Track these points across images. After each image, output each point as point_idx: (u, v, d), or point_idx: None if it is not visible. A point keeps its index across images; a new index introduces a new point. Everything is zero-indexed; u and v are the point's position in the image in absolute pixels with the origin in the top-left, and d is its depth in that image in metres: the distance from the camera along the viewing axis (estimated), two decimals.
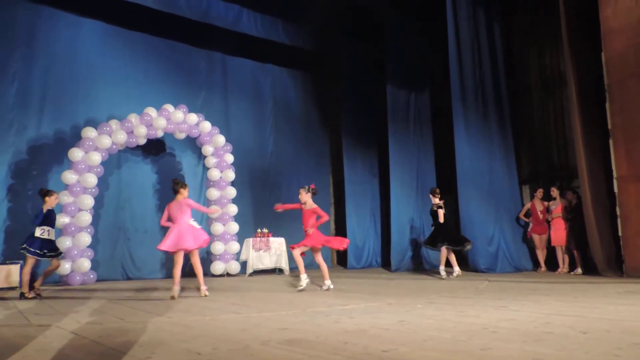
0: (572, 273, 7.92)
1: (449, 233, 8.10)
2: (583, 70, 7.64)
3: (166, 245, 5.91)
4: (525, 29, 10.06)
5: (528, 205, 9.06)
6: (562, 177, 9.21)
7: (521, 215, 9.10)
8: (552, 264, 8.54)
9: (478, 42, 9.48)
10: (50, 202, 6.48)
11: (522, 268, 8.84)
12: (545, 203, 8.74)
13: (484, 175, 9.11)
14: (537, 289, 5.99)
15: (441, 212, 8.03)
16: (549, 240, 8.57)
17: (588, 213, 7.40)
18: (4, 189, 8.40)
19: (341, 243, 6.83)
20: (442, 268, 7.97)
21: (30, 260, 6.34)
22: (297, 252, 6.50)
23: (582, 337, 2.94)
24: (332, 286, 6.50)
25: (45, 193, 6.51)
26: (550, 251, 8.63)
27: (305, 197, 6.74)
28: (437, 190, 8.29)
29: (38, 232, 6.35)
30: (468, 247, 8.10)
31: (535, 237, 8.80)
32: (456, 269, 7.93)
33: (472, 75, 9.38)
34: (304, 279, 6.46)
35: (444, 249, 7.94)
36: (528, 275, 8.18)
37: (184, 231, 5.94)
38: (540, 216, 8.74)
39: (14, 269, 7.58)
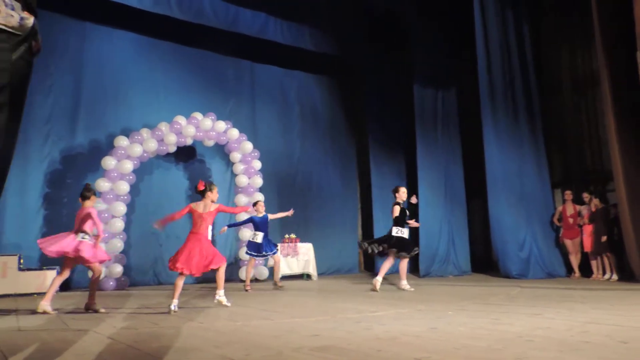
0: (607, 279, 7.72)
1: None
2: (617, 70, 7.45)
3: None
4: (556, 28, 9.88)
5: (560, 208, 8.88)
6: (596, 180, 8.99)
7: (554, 220, 8.92)
8: (587, 270, 8.33)
9: (507, 43, 9.36)
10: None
11: (555, 274, 8.65)
12: (577, 207, 8.54)
13: (514, 178, 8.96)
14: (571, 295, 5.85)
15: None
16: (582, 245, 8.38)
17: (624, 217, 7.21)
18: (40, 198, 8.66)
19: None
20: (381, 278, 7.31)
21: None
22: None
23: (622, 347, 2.86)
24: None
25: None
26: (585, 256, 8.43)
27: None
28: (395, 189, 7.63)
29: None
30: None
31: (568, 242, 8.62)
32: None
33: (501, 77, 9.27)
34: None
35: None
36: (561, 281, 7.99)
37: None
38: (571, 220, 8.56)
39: (50, 274, 7.78)
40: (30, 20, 1.59)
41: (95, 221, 5.69)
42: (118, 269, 8.42)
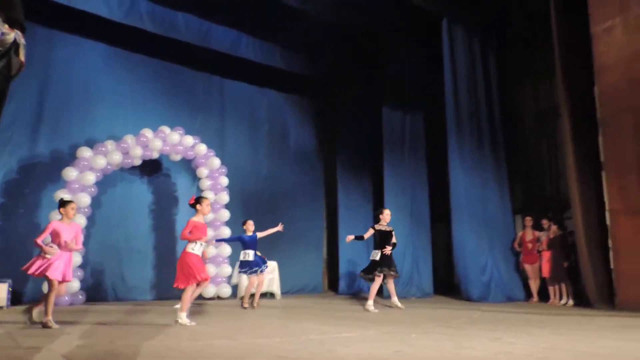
0: (563, 304, 7.94)
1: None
2: (576, 103, 7.79)
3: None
4: (520, 60, 10.27)
5: (520, 233, 9.12)
6: (554, 207, 9.29)
7: (515, 245, 9.15)
8: (545, 295, 8.55)
9: (474, 71, 9.68)
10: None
11: (514, 298, 8.84)
12: (537, 233, 8.80)
13: (477, 203, 9.18)
14: (530, 320, 5.98)
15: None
16: (541, 271, 8.61)
17: (580, 244, 7.46)
18: None
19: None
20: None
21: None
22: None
23: None
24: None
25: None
26: (544, 281, 8.65)
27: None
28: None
29: None
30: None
31: (527, 267, 8.84)
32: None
33: (467, 103, 9.54)
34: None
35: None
36: (520, 305, 8.17)
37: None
38: (529, 245, 8.80)
39: (1, 287, 7.45)
40: (11, 35, 1.54)
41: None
42: (75, 283, 8.11)
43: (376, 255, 7.64)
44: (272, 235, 8.47)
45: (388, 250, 7.64)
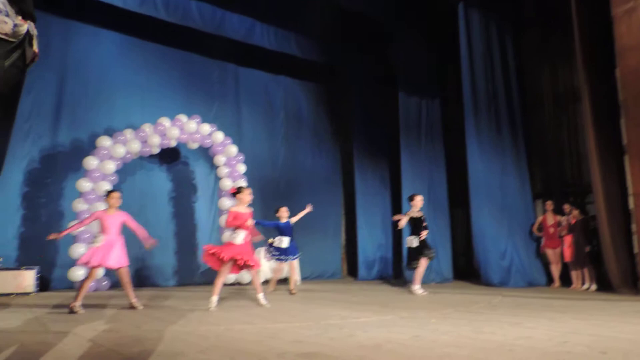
0: (585, 289, 7.85)
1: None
2: (597, 86, 7.62)
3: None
4: (538, 44, 10.05)
5: (540, 218, 9.02)
6: (575, 192, 9.15)
7: (534, 229, 9.05)
8: (567, 280, 8.47)
9: (491, 56, 9.51)
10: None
11: (535, 283, 8.77)
12: (558, 217, 8.69)
13: (496, 189, 9.09)
14: (551, 305, 5.94)
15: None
16: (562, 255, 8.52)
17: (603, 229, 7.35)
18: (19, 197, 8.50)
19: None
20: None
21: None
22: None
23: (601, 357, 2.91)
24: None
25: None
26: (565, 266, 8.56)
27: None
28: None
29: None
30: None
31: (549, 252, 8.75)
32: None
33: (484, 89, 9.40)
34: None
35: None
36: (541, 290, 8.11)
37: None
38: (551, 230, 8.70)
39: (29, 274, 7.65)
40: (24, 27, 1.56)
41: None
42: (99, 270, 8.26)
43: (414, 241, 7.71)
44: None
45: (424, 234, 7.75)
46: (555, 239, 8.61)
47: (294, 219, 8.25)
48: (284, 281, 9.49)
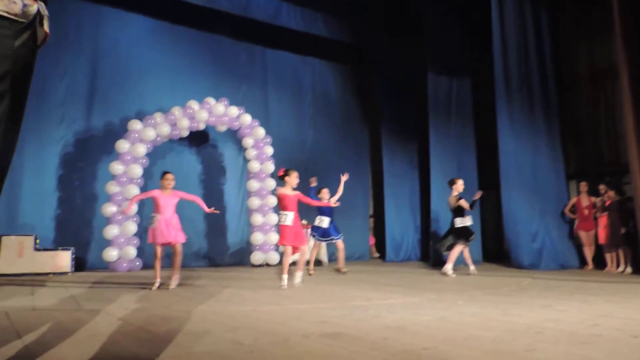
0: (620, 272, 7.64)
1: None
2: (637, 63, 7.29)
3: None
4: (575, 19, 9.68)
5: (574, 200, 8.79)
6: (611, 172, 8.86)
7: (566, 211, 8.83)
8: (601, 262, 8.25)
9: (524, 33, 9.21)
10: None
11: (567, 265, 8.59)
12: (593, 198, 8.44)
13: (528, 170, 8.88)
14: (583, 288, 5.81)
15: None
16: (597, 238, 8.29)
17: (639, 210, 7.10)
18: (55, 180, 8.77)
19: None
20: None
21: None
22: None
23: (633, 342, 2.83)
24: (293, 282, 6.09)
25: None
26: (599, 249, 8.34)
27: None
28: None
29: None
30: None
31: (582, 234, 8.53)
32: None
33: (517, 67, 9.13)
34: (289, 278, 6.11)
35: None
36: (574, 273, 7.93)
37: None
38: (586, 212, 8.47)
39: (65, 255, 7.92)
40: (34, 7, 1.56)
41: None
42: (131, 251, 8.52)
43: (461, 222, 7.79)
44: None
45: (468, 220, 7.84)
46: (589, 221, 8.38)
47: (335, 198, 8.17)
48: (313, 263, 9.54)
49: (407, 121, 11.66)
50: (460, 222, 7.80)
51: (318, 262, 10.22)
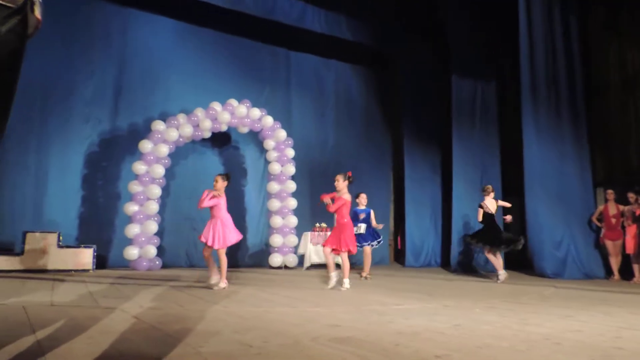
0: None
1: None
2: None
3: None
4: (605, 22, 9.43)
5: (601, 208, 8.53)
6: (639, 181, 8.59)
7: (593, 219, 8.58)
8: (628, 273, 7.99)
9: (552, 36, 9.00)
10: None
11: (593, 275, 8.34)
12: (621, 207, 8.19)
13: (553, 176, 8.66)
14: (608, 299, 5.62)
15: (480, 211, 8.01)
16: (624, 247, 8.03)
17: None
18: (79, 179, 8.94)
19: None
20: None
21: None
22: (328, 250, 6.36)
23: None
24: (348, 286, 6.16)
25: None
26: (627, 259, 8.08)
27: (342, 185, 6.38)
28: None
29: None
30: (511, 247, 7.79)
31: (609, 243, 8.28)
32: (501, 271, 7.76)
33: (544, 71, 8.93)
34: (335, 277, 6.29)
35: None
36: (599, 283, 7.70)
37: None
38: (613, 221, 8.21)
39: (87, 252, 8.05)
40: None
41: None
42: (152, 250, 8.62)
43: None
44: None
45: (509, 218, 7.93)
46: (617, 230, 8.13)
47: (373, 219, 8.14)
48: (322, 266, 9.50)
49: (429, 126, 11.54)
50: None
51: (338, 266, 10.16)
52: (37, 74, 8.46)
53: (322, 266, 9.82)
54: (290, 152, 10.10)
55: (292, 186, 10.02)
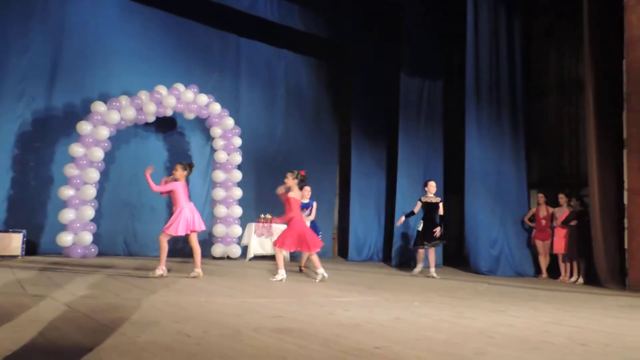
0: (573, 282, 7.84)
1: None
2: (602, 77, 7.48)
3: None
4: (547, 30, 9.87)
5: (534, 210, 8.96)
6: (572, 184, 9.08)
7: (526, 219, 9.00)
8: (555, 272, 8.45)
9: (497, 40, 9.33)
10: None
11: (523, 273, 8.76)
12: (551, 209, 8.63)
13: (492, 176, 9.01)
14: (537, 295, 5.92)
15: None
16: (552, 247, 8.48)
17: (595, 223, 7.29)
18: (9, 159, 8.39)
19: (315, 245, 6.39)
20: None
21: None
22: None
23: (580, 349, 2.87)
24: (326, 274, 6.32)
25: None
26: (554, 258, 8.54)
27: (291, 182, 6.38)
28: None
29: None
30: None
31: (538, 243, 8.71)
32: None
33: (488, 73, 9.25)
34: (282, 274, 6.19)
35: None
36: (529, 281, 8.10)
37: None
38: (543, 222, 8.64)
39: (16, 237, 7.60)
40: None
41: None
42: (87, 236, 8.24)
43: (419, 226, 8.12)
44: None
45: (437, 231, 7.92)
46: (546, 231, 8.57)
47: (314, 210, 8.11)
48: (266, 257, 9.46)
49: (378, 121, 11.68)
50: (418, 226, 8.22)
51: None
52: None
53: (266, 257, 9.77)
54: (237, 141, 9.93)
55: (237, 175, 9.88)
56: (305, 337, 2.87)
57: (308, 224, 7.84)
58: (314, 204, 8.15)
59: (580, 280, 7.78)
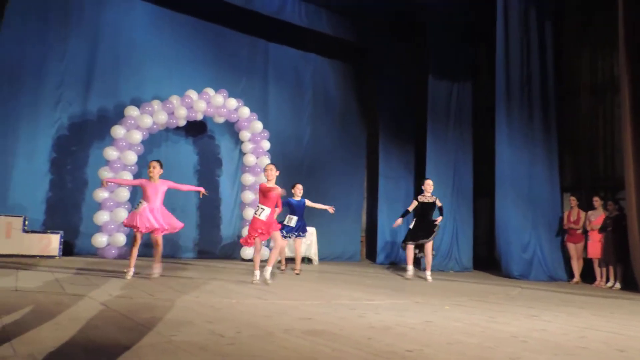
0: (609, 287, 7.63)
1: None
2: (638, 76, 7.27)
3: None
4: (579, 29, 9.66)
5: (566, 213, 8.76)
6: (606, 187, 8.86)
7: (565, 223, 8.73)
8: (589, 276, 8.24)
9: (527, 41, 9.19)
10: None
11: (556, 278, 8.58)
12: (582, 212, 8.41)
13: (523, 180, 8.86)
14: (571, 300, 5.79)
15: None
16: (586, 251, 8.28)
17: (632, 227, 7.09)
18: (47, 162, 8.68)
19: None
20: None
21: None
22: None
23: (619, 356, 2.81)
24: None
25: None
26: (587, 262, 8.32)
27: (274, 175, 6.34)
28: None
29: None
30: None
31: (571, 247, 8.51)
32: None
33: (518, 75, 9.11)
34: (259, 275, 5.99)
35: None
36: (562, 285, 7.93)
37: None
38: (574, 225, 8.44)
39: (54, 238, 7.84)
40: None
41: None
42: (121, 238, 8.45)
43: (411, 224, 7.92)
44: (311, 201, 8.38)
45: (437, 224, 7.76)
46: (579, 234, 8.36)
47: (311, 204, 8.06)
48: (292, 260, 9.50)
49: (405, 124, 11.63)
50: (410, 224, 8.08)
51: (309, 260, 10.20)
52: (8, 50, 8.22)
53: (292, 260, 9.80)
54: (266, 145, 10.03)
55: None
56: (336, 339, 2.89)
57: (294, 223, 7.79)
58: (306, 201, 8.00)
59: (617, 285, 7.57)
